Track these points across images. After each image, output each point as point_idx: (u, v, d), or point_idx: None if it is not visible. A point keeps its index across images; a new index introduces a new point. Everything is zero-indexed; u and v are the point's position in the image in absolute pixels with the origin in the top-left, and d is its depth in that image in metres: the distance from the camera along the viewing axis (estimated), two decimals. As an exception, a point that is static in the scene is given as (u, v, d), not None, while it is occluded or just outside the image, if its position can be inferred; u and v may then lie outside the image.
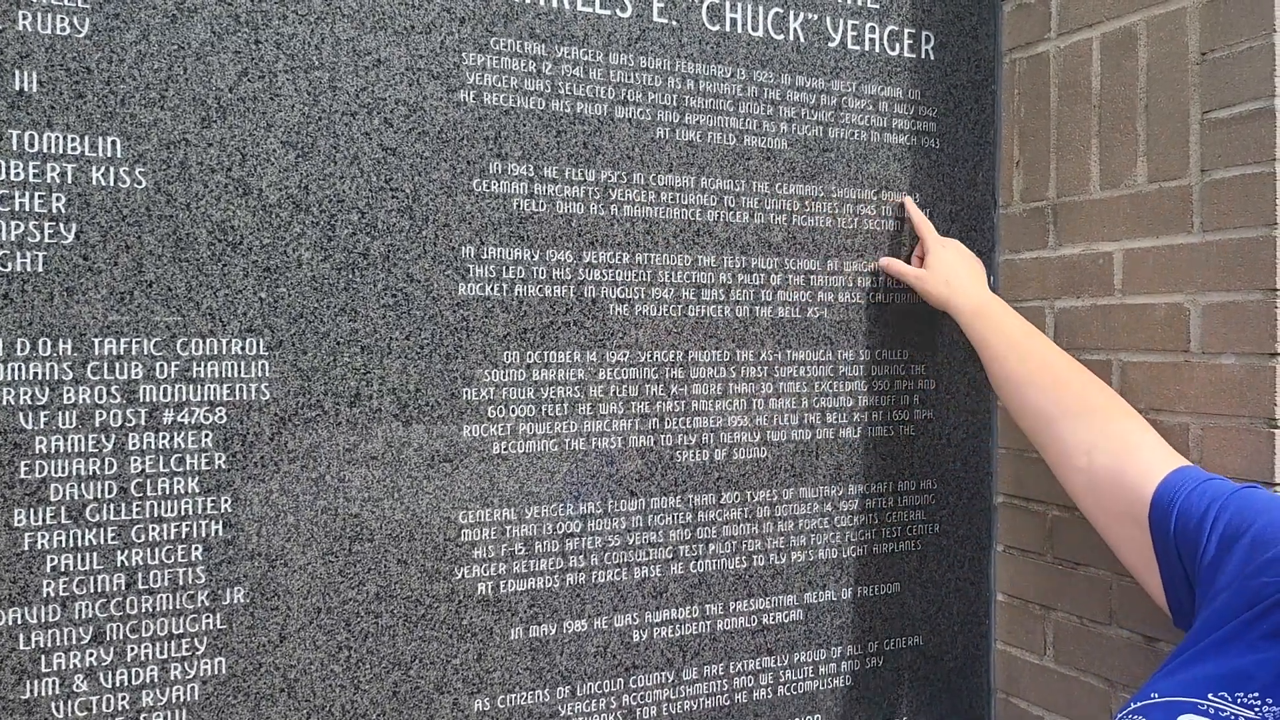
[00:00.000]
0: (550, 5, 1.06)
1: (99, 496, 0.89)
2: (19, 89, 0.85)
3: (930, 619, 1.30)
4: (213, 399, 0.93)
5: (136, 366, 0.90)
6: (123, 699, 0.90)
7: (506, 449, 1.05)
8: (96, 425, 0.88)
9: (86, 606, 0.88)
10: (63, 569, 0.87)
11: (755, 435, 1.18)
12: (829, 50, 1.22)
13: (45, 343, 0.87)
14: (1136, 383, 1.11)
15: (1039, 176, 1.26)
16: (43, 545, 0.87)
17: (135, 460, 0.90)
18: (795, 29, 1.20)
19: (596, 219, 1.09)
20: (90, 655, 0.88)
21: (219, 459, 0.93)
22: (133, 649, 0.90)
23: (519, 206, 1.05)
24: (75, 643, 0.88)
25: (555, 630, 1.08)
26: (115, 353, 0.89)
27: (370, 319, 0.99)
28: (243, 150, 0.93)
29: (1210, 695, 0.73)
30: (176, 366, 0.91)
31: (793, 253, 1.20)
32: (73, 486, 0.88)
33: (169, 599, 0.91)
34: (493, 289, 1.04)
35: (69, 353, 0.87)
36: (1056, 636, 1.23)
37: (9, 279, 0.86)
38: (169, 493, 0.91)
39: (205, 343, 0.92)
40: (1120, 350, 1.14)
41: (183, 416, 0.91)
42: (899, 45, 1.27)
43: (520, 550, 1.06)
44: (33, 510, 0.86)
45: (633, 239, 1.11)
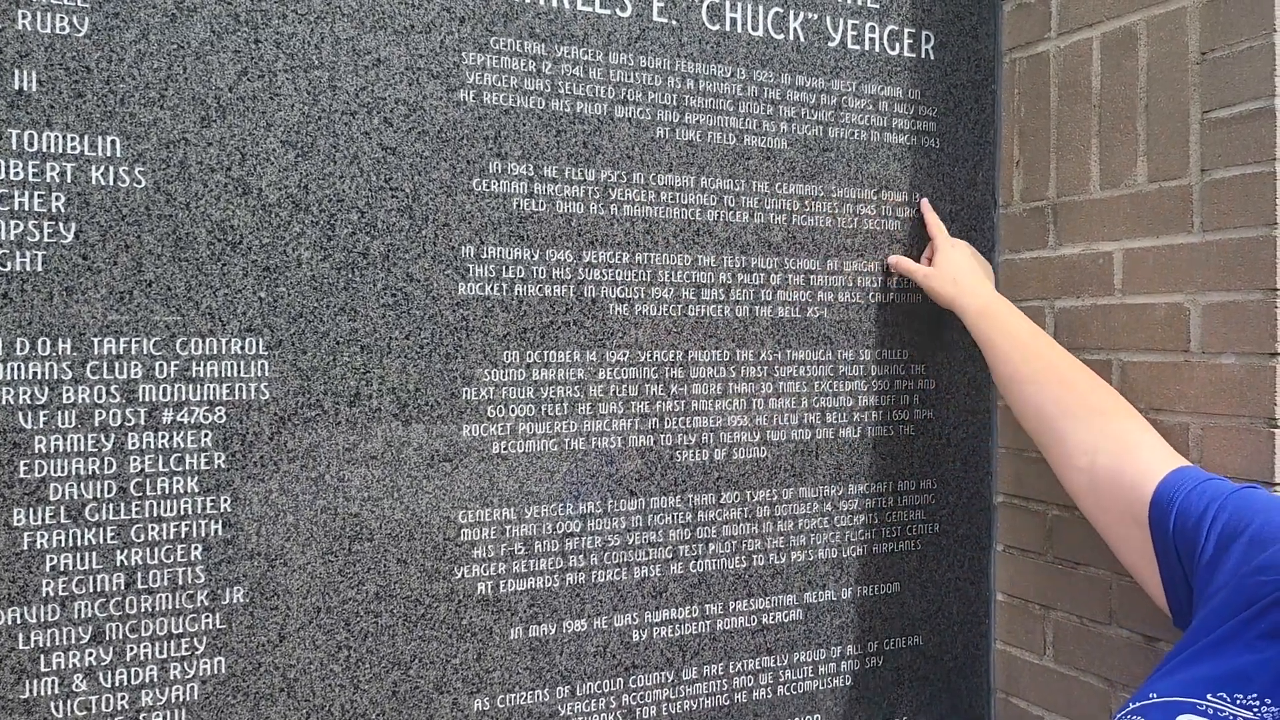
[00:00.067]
0: (550, 4, 1.06)
1: (98, 496, 0.89)
2: (18, 88, 0.85)
3: (930, 619, 1.30)
4: (212, 398, 0.92)
5: (136, 366, 0.90)
6: (122, 699, 0.90)
7: (506, 448, 1.05)
8: (96, 425, 0.88)
9: (86, 606, 0.88)
10: (62, 568, 0.87)
11: (755, 435, 1.18)
12: (829, 50, 1.22)
13: (45, 342, 0.87)
14: (1136, 383, 1.11)
15: (1039, 176, 1.26)
16: (42, 545, 0.87)
17: (135, 460, 0.90)
18: (795, 28, 1.20)
19: (596, 219, 1.09)
20: (89, 655, 0.88)
21: (218, 458, 0.93)
22: (132, 648, 0.90)
23: (519, 206, 1.05)
24: (74, 642, 0.88)
25: (555, 630, 1.08)
26: (115, 352, 0.89)
27: (370, 318, 0.99)
28: (242, 150, 0.93)
29: (1209, 696, 0.73)
30: (176, 366, 0.91)
31: (793, 252, 1.20)
32: (72, 486, 0.88)
33: (168, 598, 0.91)
34: (492, 288, 1.04)
35: (68, 352, 0.87)
36: (1056, 636, 1.23)
37: (8, 278, 0.86)
38: (168, 492, 0.91)
39: (205, 342, 0.92)
40: (1120, 350, 1.14)
41: (182, 416, 0.91)
42: (899, 45, 1.27)
43: (520, 550, 1.06)
44: (32, 510, 0.86)
45: (633, 239, 1.11)
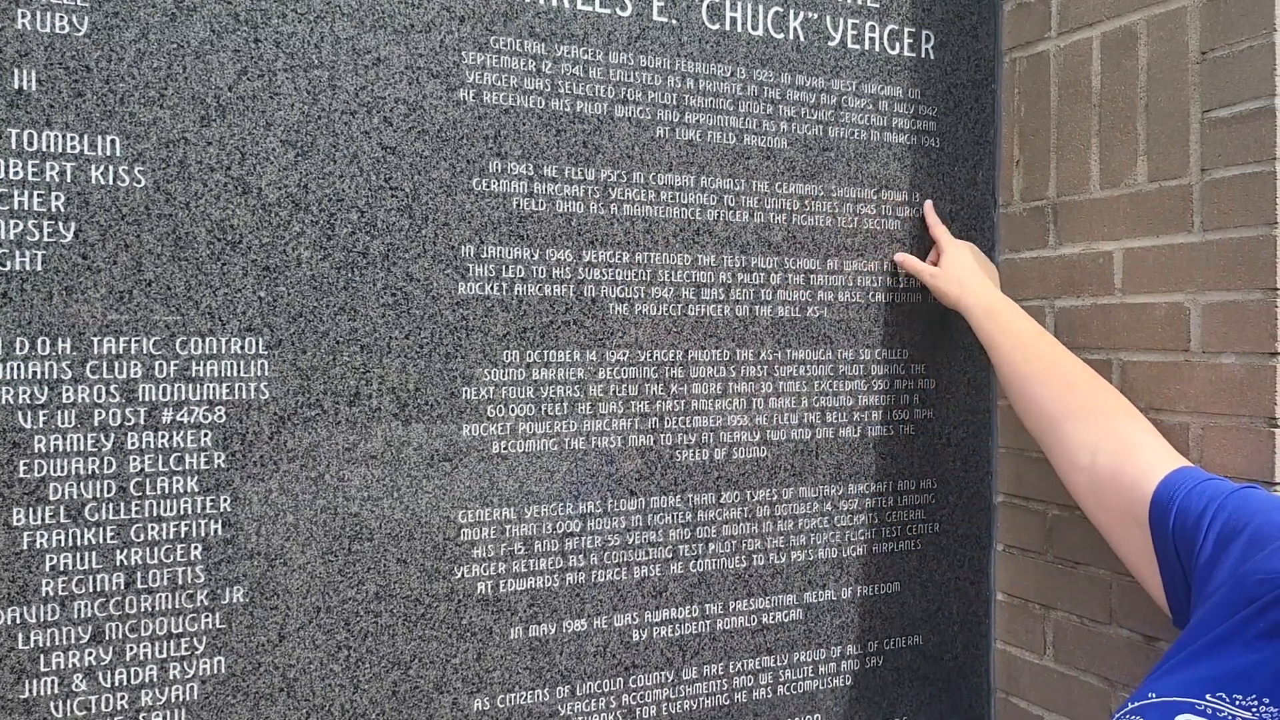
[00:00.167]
0: (550, 4, 1.06)
1: (98, 495, 0.89)
2: (18, 88, 0.85)
3: (930, 618, 1.30)
4: (212, 398, 0.92)
5: (135, 365, 0.90)
6: (122, 698, 0.90)
7: (506, 448, 1.05)
8: (95, 424, 0.88)
9: (85, 606, 0.88)
10: (62, 568, 0.87)
11: (755, 435, 1.18)
12: (829, 49, 1.22)
13: (44, 342, 0.87)
14: (1137, 382, 1.11)
15: (1039, 176, 1.26)
16: (42, 544, 0.87)
17: (134, 459, 0.90)
18: (795, 28, 1.20)
19: (596, 218, 1.09)
20: (89, 654, 0.88)
21: (218, 458, 0.93)
22: (132, 648, 0.90)
23: (519, 205, 1.05)
24: (74, 642, 0.88)
25: (555, 630, 1.08)
26: (114, 352, 0.89)
27: (370, 318, 0.99)
28: (242, 149, 0.93)
29: (1208, 696, 0.73)
30: (176, 365, 0.91)
31: (793, 252, 1.20)
32: (72, 485, 0.88)
33: (168, 598, 0.91)
34: (492, 288, 1.04)
35: (68, 352, 0.87)
36: (1056, 636, 1.23)
37: (8, 278, 0.85)
38: (168, 492, 0.91)
39: (204, 342, 0.92)
40: (1120, 350, 1.13)
41: (182, 415, 0.91)
42: (899, 44, 1.27)
43: (520, 550, 1.06)
44: (32, 509, 0.86)
45: (632, 238, 1.11)
